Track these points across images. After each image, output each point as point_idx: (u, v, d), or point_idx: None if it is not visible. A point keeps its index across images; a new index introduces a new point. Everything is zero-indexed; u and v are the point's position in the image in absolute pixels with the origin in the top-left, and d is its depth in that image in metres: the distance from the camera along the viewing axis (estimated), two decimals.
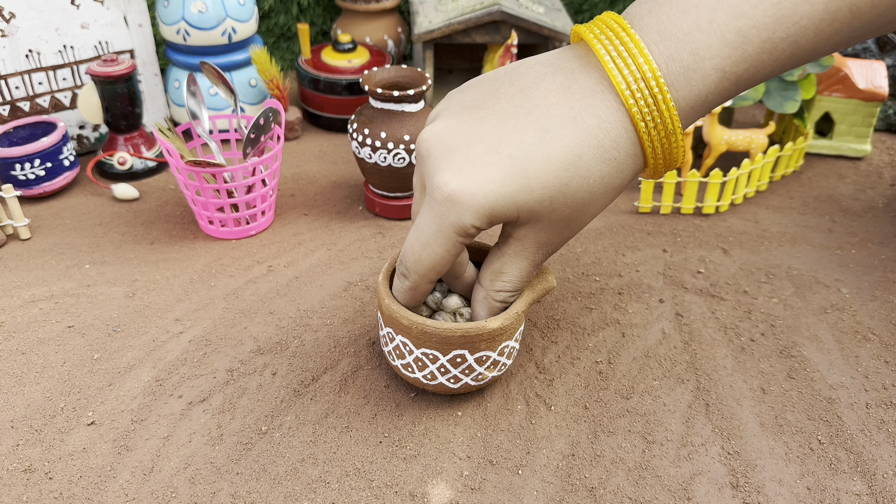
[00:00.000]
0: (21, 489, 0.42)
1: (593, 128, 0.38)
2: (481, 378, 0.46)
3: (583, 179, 0.39)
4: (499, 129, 0.39)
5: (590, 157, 0.39)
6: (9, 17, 0.69)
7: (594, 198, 0.40)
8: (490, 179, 0.38)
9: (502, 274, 0.44)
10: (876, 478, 0.44)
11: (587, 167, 0.39)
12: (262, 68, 0.77)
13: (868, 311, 0.58)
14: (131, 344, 0.53)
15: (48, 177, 0.70)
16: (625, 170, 0.40)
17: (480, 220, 0.39)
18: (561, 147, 0.38)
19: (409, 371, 0.47)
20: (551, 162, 0.38)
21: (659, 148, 0.39)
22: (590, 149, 0.38)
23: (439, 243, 0.40)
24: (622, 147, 0.39)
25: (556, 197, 0.39)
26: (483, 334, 0.44)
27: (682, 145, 0.40)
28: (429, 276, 0.42)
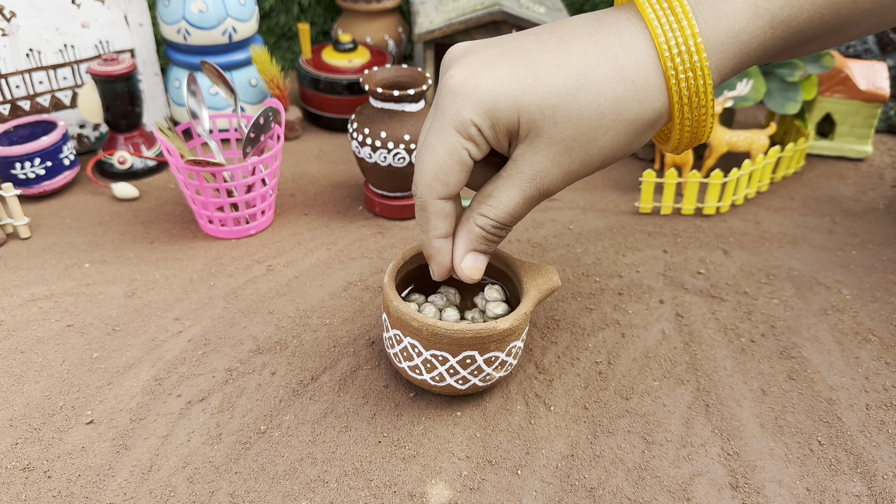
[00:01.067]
0: (20, 487, 0.42)
1: (613, 44, 0.36)
2: (489, 379, 0.46)
3: (592, 94, 0.36)
4: (519, 41, 0.38)
5: (604, 72, 0.36)
6: (9, 16, 0.69)
7: (603, 121, 0.37)
8: (495, 75, 0.37)
9: (490, 197, 0.40)
10: (876, 479, 0.44)
11: (599, 81, 0.36)
12: (263, 68, 0.77)
13: (868, 312, 0.58)
14: (130, 343, 0.53)
15: (48, 176, 0.70)
16: (643, 99, 0.37)
17: (480, 115, 0.37)
18: (575, 56, 0.37)
19: (416, 373, 0.46)
20: (561, 68, 0.37)
21: (684, 82, 0.36)
22: (605, 63, 0.36)
23: (440, 142, 0.38)
24: (641, 70, 0.36)
25: (560, 106, 0.36)
26: (494, 335, 0.43)
27: (711, 94, 0.37)
28: (433, 186, 0.40)
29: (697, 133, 0.39)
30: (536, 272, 0.48)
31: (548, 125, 0.37)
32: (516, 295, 0.49)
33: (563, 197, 0.73)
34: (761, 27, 0.36)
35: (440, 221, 0.41)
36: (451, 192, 0.40)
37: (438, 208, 0.41)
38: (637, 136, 0.38)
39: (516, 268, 0.49)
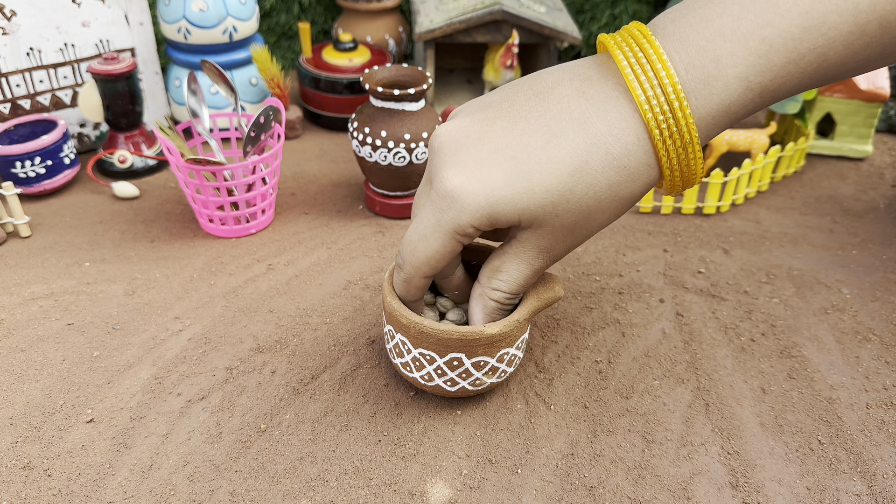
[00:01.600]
0: (20, 486, 0.42)
1: (603, 133, 0.37)
2: (479, 383, 0.46)
3: (588, 186, 0.38)
4: (508, 131, 0.39)
5: (597, 164, 0.38)
6: (10, 15, 0.69)
7: (600, 206, 0.39)
8: (492, 181, 0.38)
9: (500, 272, 0.43)
10: (876, 478, 0.44)
11: (593, 173, 0.38)
12: (263, 67, 0.77)
13: (869, 311, 0.58)
14: (131, 342, 0.53)
15: (48, 175, 0.70)
16: (636, 180, 0.39)
17: (479, 220, 0.39)
18: (567, 151, 0.38)
19: (407, 370, 0.47)
20: (555, 166, 0.38)
21: (675, 159, 0.38)
22: (597, 155, 0.37)
23: (436, 238, 0.40)
24: (633, 155, 0.38)
25: (559, 202, 0.38)
26: (480, 339, 0.43)
27: (700, 157, 0.38)
28: (422, 269, 0.42)
29: (687, 184, 0.40)
30: (539, 280, 0.47)
31: (549, 218, 0.39)
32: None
33: None
34: (751, 98, 0.38)
35: (421, 291, 0.45)
36: (436, 270, 0.42)
37: (423, 283, 0.44)
38: (631, 205, 0.41)
39: None
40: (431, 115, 0.65)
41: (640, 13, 1.01)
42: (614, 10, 1.00)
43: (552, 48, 0.82)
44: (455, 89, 0.93)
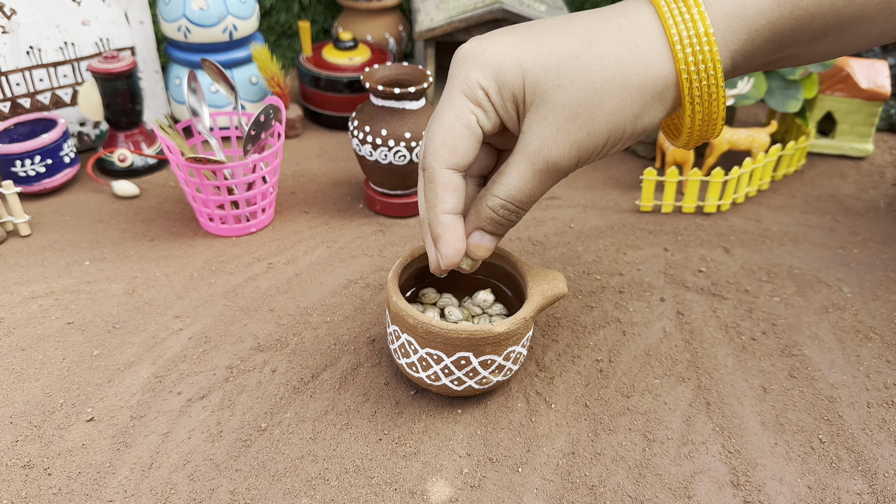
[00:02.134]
0: (20, 485, 0.42)
1: (616, 15, 0.37)
2: (485, 382, 0.46)
3: (595, 56, 0.36)
4: (531, 23, 0.39)
5: (607, 36, 0.36)
6: (10, 14, 0.69)
7: (607, 85, 0.36)
8: (501, 41, 0.38)
9: (501, 175, 0.39)
10: (877, 477, 0.44)
11: (602, 44, 0.36)
12: (263, 65, 0.77)
13: (870, 310, 0.58)
14: (131, 341, 0.53)
15: (48, 173, 0.70)
16: (648, 64, 0.36)
17: (487, 77, 0.37)
18: (579, 25, 0.37)
19: (413, 370, 0.46)
20: (565, 34, 0.37)
21: (690, 52, 0.36)
22: (609, 29, 0.37)
23: (448, 107, 0.38)
24: (645, 36, 0.36)
25: (563, 68, 0.36)
26: (489, 337, 0.43)
27: (718, 62, 0.36)
28: (441, 153, 0.38)
29: (709, 113, 0.37)
30: (543, 278, 0.47)
31: (552, 88, 0.37)
32: (523, 298, 0.49)
33: (564, 195, 0.73)
34: (767, 3, 0.35)
35: (448, 195, 0.39)
36: (459, 162, 0.39)
37: (447, 179, 0.39)
38: (644, 107, 0.37)
39: (523, 272, 0.48)
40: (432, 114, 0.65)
41: None
42: None
43: None
44: None
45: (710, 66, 0.36)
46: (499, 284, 0.52)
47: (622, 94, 0.37)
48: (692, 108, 0.37)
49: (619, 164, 0.79)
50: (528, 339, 0.47)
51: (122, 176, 0.74)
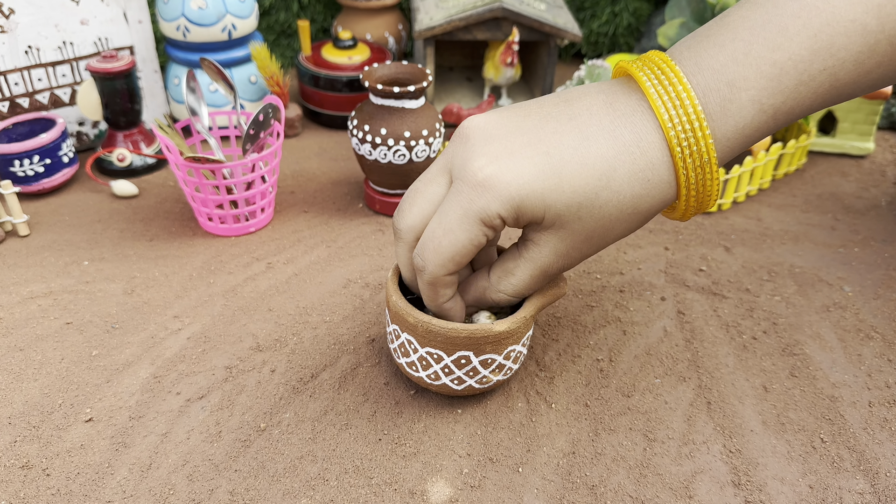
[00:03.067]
0: (18, 485, 0.42)
1: (630, 144, 0.38)
2: (486, 381, 0.46)
3: (613, 193, 0.39)
4: (539, 128, 0.40)
5: (623, 173, 0.38)
6: (8, 13, 0.69)
7: (621, 216, 0.40)
8: (524, 172, 0.38)
9: (511, 275, 0.43)
10: (879, 476, 0.43)
11: (619, 182, 0.39)
12: (263, 65, 0.77)
13: (871, 309, 0.57)
14: (130, 341, 0.53)
15: (47, 173, 0.69)
16: (655, 196, 0.39)
17: (508, 210, 0.38)
18: (597, 156, 0.38)
19: (413, 370, 0.46)
20: (586, 168, 0.38)
21: (693, 178, 0.39)
22: (624, 164, 0.38)
23: (463, 229, 0.39)
24: (656, 170, 0.39)
25: (585, 205, 0.39)
26: (489, 336, 0.43)
27: (717, 179, 0.39)
28: (447, 266, 0.41)
29: (702, 207, 0.41)
30: None
31: (572, 220, 0.40)
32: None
33: None
34: (764, 120, 0.39)
35: (448, 290, 0.43)
36: (459, 269, 0.42)
37: (448, 281, 0.42)
38: (647, 221, 0.41)
39: None
40: (431, 113, 0.65)
41: (641, 10, 1.01)
42: (615, 7, 0.99)
43: (552, 46, 0.82)
44: (455, 87, 0.93)
45: (710, 184, 0.40)
46: None
47: (632, 219, 0.41)
48: (686, 209, 0.41)
49: None
50: (528, 338, 0.47)
51: (120, 175, 0.74)
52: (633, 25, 1.01)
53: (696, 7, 0.81)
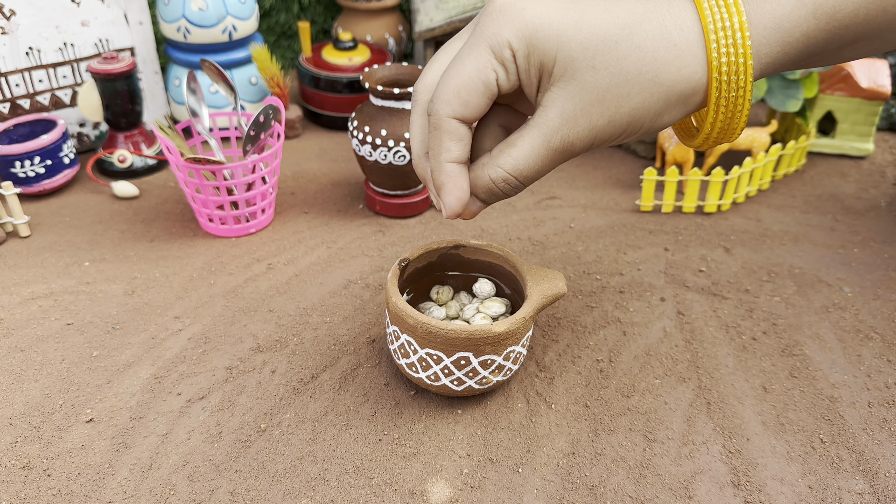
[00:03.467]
0: (19, 486, 0.42)
1: (661, 8, 0.36)
2: (485, 382, 0.46)
3: (635, 47, 0.36)
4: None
5: (649, 29, 0.36)
6: (9, 15, 0.69)
7: (639, 78, 0.36)
8: (544, 4, 0.36)
9: (512, 146, 0.38)
10: (878, 477, 0.44)
11: (643, 36, 0.36)
12: (263, 66, 0.77)
13: (870, 309, 0.57)
14: (130, 341, 0.53)
15: (48, 174, 0.69)
16: (681, 66, 0.36)
17: (519, 38, 0.36)
18: (624, 8, 0.36)
19: (413, 371, 0.46)
20: (610, 14, 0.36)
21: (725, 62, 0.36)
22: (652, 21, 0.36)
23: (470, 57, 0.36)
24: (685, 35, 0.36)
25: (601, 51, 0.36)
26: (488, 337, 0.43)
27: (750, 73, 0.36)
28: (451, 102, 0.37)
29: (731, 122, 0.37)
30: (542, 277, 0.47)
31: (585, 68, 0.36)
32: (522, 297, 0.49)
33: (564, 195, 0.73)
34: (804, 16, 0.36)
35: (453, 143, 0.38)
36: (467, 116, 0.38)
37: (453, 128, 0.38)
38: (667, 107, 0.37)
39: (523, 271, 0.48)
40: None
41: None
42: None
43: None
44: None
45: (742, 78, 0.36)
46: (499, 283, 0.52)
47: (651, 90, 0.36)
48: (715, 116, 0.37)
49: (619, 163, 0.79)
50: (527, 338, 0.47)
51: (121, 177, 0.74)
52: None
53: None
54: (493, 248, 0.51)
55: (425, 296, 0.52)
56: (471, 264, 0.52)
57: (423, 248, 0.50)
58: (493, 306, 0.50)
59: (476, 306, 0.50)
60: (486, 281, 0.51)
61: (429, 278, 0.52)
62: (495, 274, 0.52)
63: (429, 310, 0.50)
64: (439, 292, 0.51)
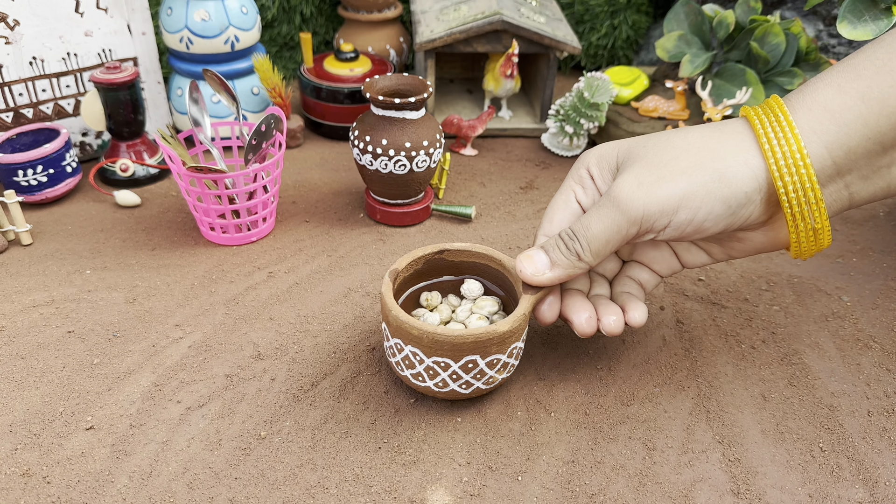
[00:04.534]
0: (19, 493, 0.42)
1: (720, 133, 0.42)
2: (492, 381, 0.46)
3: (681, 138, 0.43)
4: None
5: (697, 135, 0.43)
6: (13, 25, 0.70)
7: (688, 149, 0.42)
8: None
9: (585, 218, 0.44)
10: (878, 486, 0.44)
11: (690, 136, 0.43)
12: (265, 76, 0.77)
13: (869, 318, 0.58)
14: (131, 349, 0.53)
15: (50, 183, 0.70)
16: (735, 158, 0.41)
17: (593, 156, 0.46)
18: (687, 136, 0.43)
19: (419, 380, 0.46)
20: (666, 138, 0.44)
21: (795, 204, 0.40)
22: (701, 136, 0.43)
23: (558, 191, 0.48)
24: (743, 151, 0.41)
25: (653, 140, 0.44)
26: (494, 338, 0.43)
27: (822, 203, 0.40)
28: (542, 225, 0.48)
29: (813, 230, 0.42)
30: None
31: (639, 149, 0.43)
32: (514, 295, 0.49)
33: None
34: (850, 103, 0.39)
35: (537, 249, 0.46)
36: (552, 230, 0.46)
37: (542, 232, 0.48)
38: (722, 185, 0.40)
39: (510, 267, 0.49)
40: (432, 124, 0.65)
41: (640, 23, 1.02)
42: (614, 20, 1.00)
43: (552, 58, 0.83)
44: (455, 99, 0.94)
45: (817, 216, 0.41)
46: (485, 282, 0.52)
47: (699, 157, 0.41)
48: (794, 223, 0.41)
49: None
50: (525, 333, 0.47)
51: (123, 185, 0.75)
52: (631, 38, 1.02)
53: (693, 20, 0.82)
54: (477, 248, 0.51)
55: (415, 304, 0.52)
56: (457, 266, 0.52)
57: (409, 257, 0.50)
58: (487, 305, 0.50)
59: (469, 307, 0.50)
60: (473, 281, 0.52)
61: (415, 286, 0.53)
62: (482, 274, 0.52)
63: (422, 317, 0.50)
64: (429, 299, 0.52)
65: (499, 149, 0.85)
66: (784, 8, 0.94)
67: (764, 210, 0.42)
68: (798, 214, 0.40)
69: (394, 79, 0.66)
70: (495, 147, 0.85)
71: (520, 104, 0.93)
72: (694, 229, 0.42)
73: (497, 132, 0.87)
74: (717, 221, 0.41)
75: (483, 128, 0.80)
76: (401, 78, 0.66)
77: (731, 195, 0.40)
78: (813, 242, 0.42)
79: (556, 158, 0.83)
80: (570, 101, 0.80)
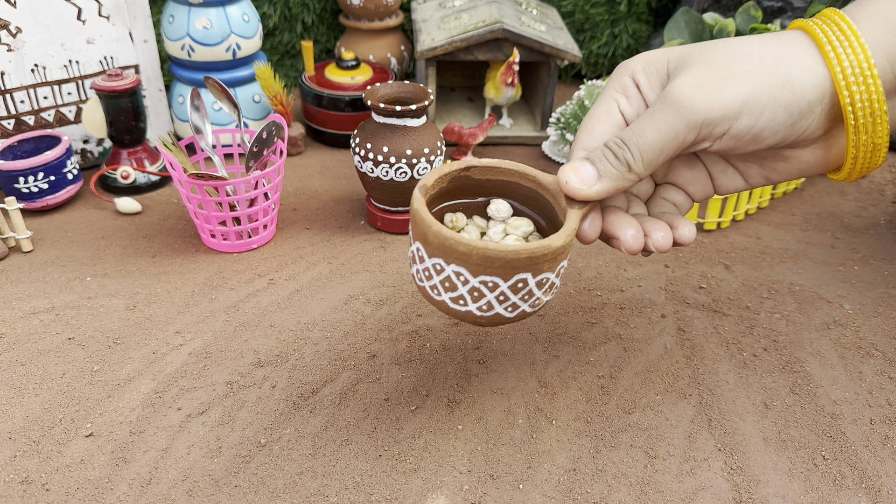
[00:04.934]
0: (18, 500, 0.42)
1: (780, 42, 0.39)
2: (538, 303, 0.41)
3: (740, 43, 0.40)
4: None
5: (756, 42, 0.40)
6: (15, 32, 0.70)
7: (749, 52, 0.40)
8: None
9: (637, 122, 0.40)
10: (881, 494, 0.43)
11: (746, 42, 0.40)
12: (266, 84, 0.77)
13: (871, 327, 0.57)
14: (131, 356, 0.53)
15: (51, 190, 0.70)
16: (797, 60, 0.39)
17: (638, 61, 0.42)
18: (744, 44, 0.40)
19: (460, 304, 0.41)
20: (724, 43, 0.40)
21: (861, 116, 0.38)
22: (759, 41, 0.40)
23: (597, 101, 0.43)
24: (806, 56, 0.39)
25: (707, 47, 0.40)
26: (548, 254, 0.39)
27: (886, 116, 0.38)
28: (580, 139, 0.42)
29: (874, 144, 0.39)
30: None
31: (695, 55, 0.40)
32: (549, 215, 0.44)
33: None
34: None
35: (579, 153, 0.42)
36: (593, 145, 0.41)
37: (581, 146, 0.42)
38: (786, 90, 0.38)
39: (545, 182, 0.44)
40: (433, 132, 0.65)
41: (640, 32, 1.02)
42: (614, 28, 1.01)
43: (553, 66, 0.83)
44: (456, 106, 0.94)
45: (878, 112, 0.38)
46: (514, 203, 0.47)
47: (762, 60, 0.39)
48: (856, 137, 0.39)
49: None
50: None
51: (124, 193, 0.75)
52: (632, 47, 1.02)
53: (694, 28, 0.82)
54: (508, 164, 0.45)
55: None
56: (482, 186, 0.46)
57: (435, 174, 0.44)
58: (522, 225, 0.45)
59: (502, 228, 0.45)
60: (501, 201, 0.46)
61: (436, 207, 0.46)
62: (510, 195, 0.47)
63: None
64: (454, 220, 0.46)
65: (500, 157, 0.85)
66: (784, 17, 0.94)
67: (822, 123, 0.39)
68: (862, 127, 0.38)
69: (395, 86, 0.66)
70: (496, 155, 0.85)
71: (520, 112, 0.93)
72: (751, 138, 0.39)
73: (498, 140, 0.87)
74: (777, 131, 0.39)
75: (484, 136, 0.80)
76: (402, 85, 0.66)
77: (794, 102, 0.38)
78: (869, 159, 0.40)
79: (556, 166, 0.83)
80: (570, 109, 0.80)
